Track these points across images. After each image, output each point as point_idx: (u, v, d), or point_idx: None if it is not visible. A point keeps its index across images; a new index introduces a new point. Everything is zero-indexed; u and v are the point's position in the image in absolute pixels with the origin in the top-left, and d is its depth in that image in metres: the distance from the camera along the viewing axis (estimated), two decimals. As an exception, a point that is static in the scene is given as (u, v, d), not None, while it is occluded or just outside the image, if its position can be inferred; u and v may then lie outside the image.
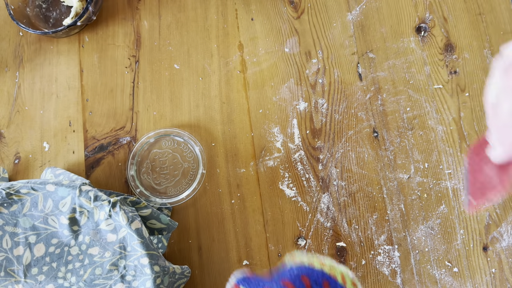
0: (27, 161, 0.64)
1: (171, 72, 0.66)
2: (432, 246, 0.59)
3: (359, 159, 0.62)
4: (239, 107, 0.64)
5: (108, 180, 0.63)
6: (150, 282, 0.50)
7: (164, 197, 0.61)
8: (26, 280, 0.51)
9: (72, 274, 0.52)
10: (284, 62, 0.65)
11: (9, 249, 0.51)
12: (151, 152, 0.63)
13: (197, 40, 0.66)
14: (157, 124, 0.64)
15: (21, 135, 0.65)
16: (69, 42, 0.67)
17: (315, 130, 0.63)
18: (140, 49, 0.66)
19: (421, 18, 0.65)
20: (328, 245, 0.60)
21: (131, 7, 0.68)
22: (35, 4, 0.68)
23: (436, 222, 0.59)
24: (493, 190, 0.39)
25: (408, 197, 0.60)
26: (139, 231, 0.51)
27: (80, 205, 0.51)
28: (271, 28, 0.66)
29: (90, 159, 0.63)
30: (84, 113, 0.65)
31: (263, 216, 0.61)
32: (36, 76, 0.66)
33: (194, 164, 0.62)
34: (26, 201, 0.51)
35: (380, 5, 0.65)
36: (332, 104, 0.63)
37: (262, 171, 0.62)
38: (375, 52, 0.64)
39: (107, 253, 0.52)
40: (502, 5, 0.64)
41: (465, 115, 0.62)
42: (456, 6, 0.65)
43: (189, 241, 0.61)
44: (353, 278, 0.38)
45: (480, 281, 0.58)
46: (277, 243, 0.60)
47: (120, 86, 0.65)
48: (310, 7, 0.66)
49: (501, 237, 0.59)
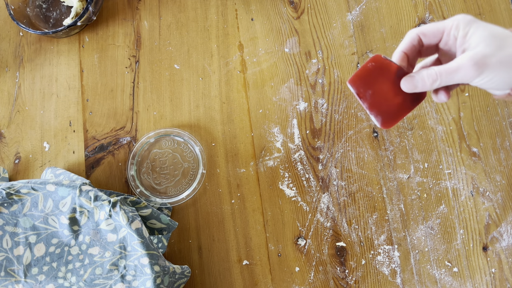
0: (27, 161, 0.64)
1: (171, 72, 0.66)
2: (432, 246, 0.59)
3: (359, 159, 0.62)
4: (239, 107, 0.64)
5: (108, 180, 0.63)
6: (150, 282, 0.50)
7: (164, 197, 0.61)
8: (26, 280, 0.51)
9: (72, 274, 0.52)
10: (284, 62, 0.65)
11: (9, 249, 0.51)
12: (151, 152, 0.63)
13: (197, 40, 0.66)
14: (157, 124, 0.64)
15: (21, 135, 0.65)
16: (69, 42, 0.67)
17: (315, 130, 0.63)
18: (140, 49, 0.67)
19: (421, 18, 0.65)
20: (328, 245, 0.60)
21: (131, 7, 0.68)
22: (35, 4, 0.68)
23: (436, 222, 0.59)
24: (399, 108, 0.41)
25: (408, 197, 0.60)
26: (139, 231, 0.51)
27: (80, 205, 0.51)
28: (271, 28, 0.66)
29: (90, 159, 0.64)
30: (84, 113, 0.65)
31: (263, 216, 0.61)
32: (37, 76, 0.66)
33: (194, 164, 0.62)
34: (26, 201, 0.51)
35: (380, 5, 0.66)
36: (332, 104, 0.63)
37: (262, 171, 0.62)
38: (375, 52, 0.64)
39: (107, 253, 0.52)
40: (502, 5, 0.64)
41: (464, 115, 0.62)
42: (456, 6, 0.65)
43: (189, 241, 0.61)
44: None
45: (480, 281, 0.58)
46: (277, 243, 0.60)
47: (120, 86, 0.65)
48: (310, 7, 0.66)
49: (501, 237, 0.59)
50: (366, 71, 0.41)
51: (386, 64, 0.41)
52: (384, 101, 0.41)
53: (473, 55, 0.36)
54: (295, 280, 0.59)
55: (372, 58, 0.41)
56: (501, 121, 0.62)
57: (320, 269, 0.59)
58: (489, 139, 0.61)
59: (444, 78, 0.38)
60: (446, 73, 0.37)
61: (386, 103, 0.41)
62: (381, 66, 0.41)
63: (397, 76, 0.41)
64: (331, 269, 0.59)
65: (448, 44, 0.40)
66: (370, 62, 0.41)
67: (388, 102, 0.41)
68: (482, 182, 0.60)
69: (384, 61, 0.41)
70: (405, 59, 0.41)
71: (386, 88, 0.41)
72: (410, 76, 0.40)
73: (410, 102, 0.42)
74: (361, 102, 0.42)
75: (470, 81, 0.38)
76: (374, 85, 0.41)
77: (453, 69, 0.37)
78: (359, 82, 0.41)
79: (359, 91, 0.41)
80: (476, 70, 0.36)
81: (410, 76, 0.40)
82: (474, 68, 0.36)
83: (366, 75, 0.41)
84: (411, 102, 0.42)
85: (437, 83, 0.38)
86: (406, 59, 0.42)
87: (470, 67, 0.36)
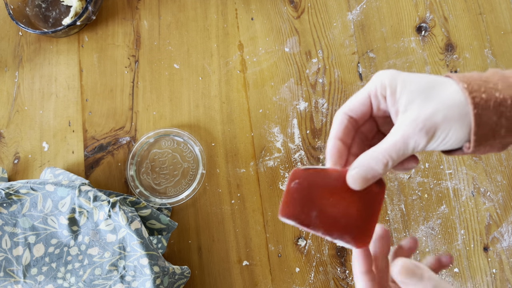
0: (26, 161, 0.64)
1: (170, 72, 0.65)
2: (432, 247, 0.59)
3: (359, 159, 0.61)
4: (239, 107, 0.64)
5: (107, 180, 0.63)
6: (149, 282, 0.50)
7: (163, 197, 0.61)
8: (26, 281, 0.51)
9: (72, 275, 0.52)
10: (284, 62, 0.65)
11: (8, 249, 0.50)
12: (151, 152, 0.63)
13: (197, 39, 0.66)
14: (156, 124, 0.64)
15: (20, 135, 0.65)
16: (69, 41, 0.67)
17: (315, 130, 0.63)
18: (140, 48, 0.66)
19: (421, 17, 0.65)
20: (328, 246, 0.60)
21: (131, 6, 0.68)
22: (35, 3, 0.67)
23: (437, 222, 0.59)
24: None
25: (409, 197, 0.60)
26: (139, 231, 0.50)
27: (80, 205, 0.51)
28: (271, 27, 0.66)
29: (90, 159, 0.63)
30: (83, 113, 0.65)
31: (263, 216, 0.61)
32: (36, 76, 0.66)
33: (194, 164, 0.62)
34: (25, 201, 0.51)
35: (381, 5, 0.65)
36: (332, 104, 0.63)
37: (262, 171, 0.62)
38: (375, 52, 0.64)
39: (106, 253, 0.52)
40: (503, 4, 0.64)
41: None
42: (456, 5, 0.65)
43: (189, 242, 0.61)
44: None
45: (481, 282, 0.58)
46: (277, 243, 0.60)
47: (120, 86, 0.65)
48: (310, 7, 0.66)
49: (502, 237, 0.58)
50: (294, 193, 0.31)
51: (313, 174, 0.32)
52: (341, 216, 0.31)
53: (415, 118, 0.30)
54: (295, 281, 0.59)
55: (291, 175, 0.32)
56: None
57: (321, 269, 0.59)
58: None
59: (394, 156, 0.31)
60: (394, 150, 0.30)
61: (345, 217, 0.31)
62: (308, 179, 0.31)
63: (335, 179, 0.32)
64: (331, 270, 0.59)
65: (380, 108, 0.33)
66: (292, 181, 0.32)
67: (346, 214, 0.31)
68: (483, 182, 0.60)
69: (309, 172, 0.32)
70: (342, 148, 0.34)
71: (332, 200, 0.31)
72: (355, 168, 0.31)
73: (374, 197, 0.32)
74: (311, 231, 0.31)
75: (424, 149, 0.31)
76: (314, 204, 0.31)
77: (400, 143, 0.30)
78: (294, 210, 0.31)
79: (299, 219, 0.31)
80: (425, 134, 0.30)
81: (355, 168, 0.31)
82: (422, 133, 0.30)
83: (297, 198, 0.31)
84: (374, 196, 0.32)
85: (390, 165, 0.31)
86: (344, 147, 0.34)
87: (418, 133, 0.30)
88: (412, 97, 0.31)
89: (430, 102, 0.30)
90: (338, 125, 0.34)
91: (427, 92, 0.30)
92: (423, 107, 0.30)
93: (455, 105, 0.30)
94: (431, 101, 0.30)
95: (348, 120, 0.34)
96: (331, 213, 0.31)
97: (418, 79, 0.31)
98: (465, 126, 0.30)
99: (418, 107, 0.30)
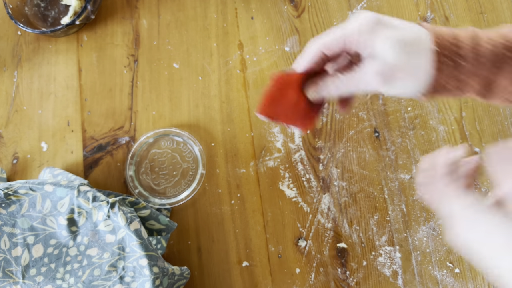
0: (25, 161, 0.63)
1: (170, 72, 0.65)
2: (433, 247, 0.58)
3: (360, 159, 0.61)
4: (239, 106, 0.64)
5: (106, 181, 0.62)
6: (149, 283, 0.49)
7: (163, 197, 0.61)
8: (25, 281, 0.50)
9: (71, 275, 0.51)
10: (285, 61, 0.64)
11: (7, 249, 0.50)
12: (150, 152, 0.62)
13: (196, 39, 0.66)
14: (156, 124, 0.64)
15: (19, 135, 0.64)
16: (68, 41, 0.67)
17: (315, 130, 0.62)
18: (139, 48, 0.66)
19: (422, 17, 0.64)
20: (329, 246, 0.59)
21: (130, 6, 0.67)
22: (34, 3, 0.67)
23: (438, 222, 0.59)
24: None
25: (410, 198, 0.60)
26: (138, 232, 0.50)
27: (79, 206, 0.51)
28: (271, 27, 0.66)
29: (89, 159, 0.63)
30: (82, 112, 0.65)
31: (263, 217, 0.61)
32: (35, 75, 0.66)
33: (193, 164, 0.62)
34: (24, 202, 0.51)
35: (381, 4, 0.65)
36: (332, 104, 0.63)
37: (262, 171, 0.62)
38: (376, 51, 0.64)
39: (105, 254, 0.51)
40: (504, 4, 0.64)
41: (466, 115, 0.61)
42: (457, 5, 0.64)
43: (189, 242, 0.60)
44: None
45: (482, 282, 0.57)
46: (277, 244, 0.60)
47: (119, 86, 0.65)
48: (311, 6, 0.66)
49: (503, 237, 0.58)
50: (268, 95, 0.39)
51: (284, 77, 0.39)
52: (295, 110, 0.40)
53: (379, 66, 0.34)
54: (295, 282, 0.59)
55: (270, 79, 0.40)
56: (503, 121, 0.61)
57: (321, 270, 0.59)
58: (491, 139, 0.61)
59: (348, 87, 0.36)
60: (350, 82, 0.36)
61: (297, 111, 0.40)
62: (278, 82, 0.39)
63: (297, 80, 0.40)
64: (332, 271, 0.59)
65: (352, 49, 0.36)
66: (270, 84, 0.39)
67: (298, 108, 0.40)
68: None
69: (281, 77, 0.39)
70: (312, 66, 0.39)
71: (290, 98, 0.40)
72: (315, 83, 0.38)
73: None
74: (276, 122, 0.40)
75: (375, 91, 0.36)
76: (279, 103, 0.40)
77: (356, 79, 0.35)
78: (266, 108, 0.39)
79: (269, 115, 0.40)
80: (380, 81, 0.34)
81: (315, 83, 0.38)
82: (378, 79, 0.34)
83: (269, 99, 0.39)
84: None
85: (341, 91, 0.37)
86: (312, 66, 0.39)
87: (374, 78, 0.34)
88: (385, 48, 0.33)
89: (398, 57, 0.33)
90: (309, 58, 0.38)
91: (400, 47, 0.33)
92: (390, 59, 0.33)
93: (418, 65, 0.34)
94: (400, 56, 0.33)
95: (320, 56, 0.37)
96: (289, 108, 0.40)
97: (397, 31, 0.34)
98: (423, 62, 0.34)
99: (387, 58, 0.33)
